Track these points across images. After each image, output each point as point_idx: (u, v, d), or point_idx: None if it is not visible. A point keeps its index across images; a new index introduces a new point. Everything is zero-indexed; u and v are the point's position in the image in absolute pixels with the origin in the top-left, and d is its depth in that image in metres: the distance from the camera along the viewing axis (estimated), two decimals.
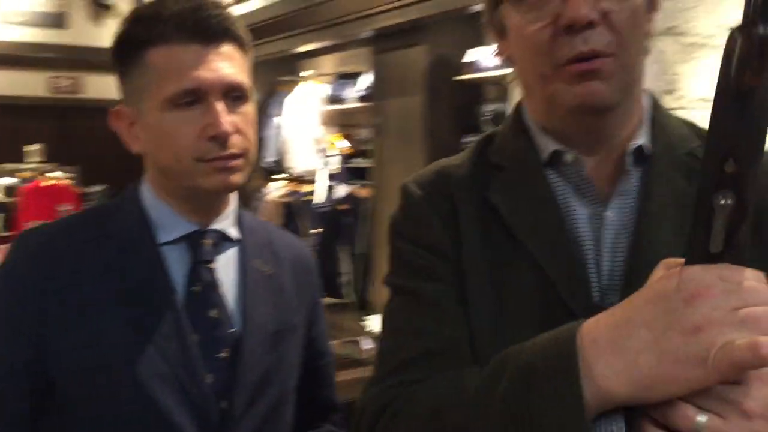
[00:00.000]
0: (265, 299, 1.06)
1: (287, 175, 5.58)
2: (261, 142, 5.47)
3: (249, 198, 5.51)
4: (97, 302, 0.96)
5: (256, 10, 6.34)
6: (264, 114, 5.46)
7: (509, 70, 4.07)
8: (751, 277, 0.54)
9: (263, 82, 5.51)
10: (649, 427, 0.56)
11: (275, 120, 5.60)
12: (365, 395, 0.81)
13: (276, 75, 5.77)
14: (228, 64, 0.96)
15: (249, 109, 1.00)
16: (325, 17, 5.04)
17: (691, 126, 0.85)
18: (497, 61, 4.64)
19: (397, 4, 4.54)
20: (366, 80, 5.32)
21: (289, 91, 5.64)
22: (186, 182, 0.98)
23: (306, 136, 5.48)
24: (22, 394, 0.95)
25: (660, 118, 0.82)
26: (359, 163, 5.69)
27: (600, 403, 0.58)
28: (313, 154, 5.46)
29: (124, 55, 0.98)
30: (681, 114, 0.90)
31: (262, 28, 5.97)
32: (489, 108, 4.41)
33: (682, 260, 0.57)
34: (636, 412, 0.58)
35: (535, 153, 0.82)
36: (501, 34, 0.83)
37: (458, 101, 4.60)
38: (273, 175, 5.66)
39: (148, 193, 1.04)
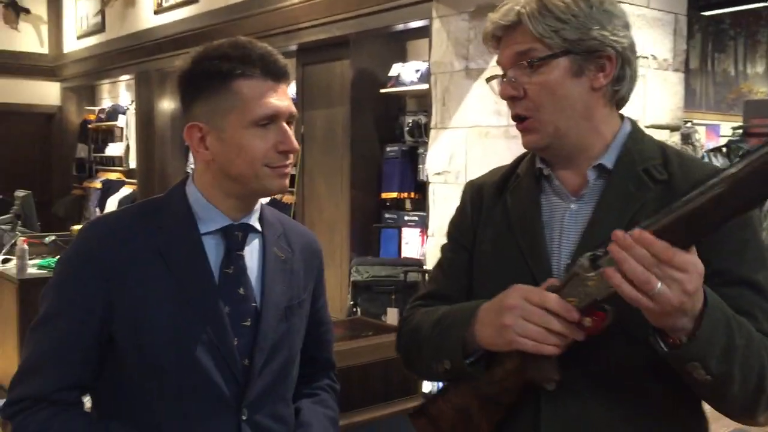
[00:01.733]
0: (280, 280, 1.31)
1: None
2: None
3: None
4: (151, 279, 1.20)
5: (179, 21, 6.40)
6: None
7: (427, 86, 4.43)
8: (547, 301, 1.01)
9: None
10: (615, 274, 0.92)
11: None
12: (407, 305, 1.34)
13: None
14: (287, 97, 1.23)
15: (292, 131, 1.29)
16: (251, 30, 5.20)
17: (664, 148, 1.15)
18: (418, 76, 4.94)
19: (321, 20, 4.77)
20: (290, 91, 5.54)
21: None
22: (253, 184, 1.22)
23: None
24: (94, 344, 1.20)
25: (630, 143, 1.14)
26: None
27: (472, 344, 1.10)
28: None
29: (211, 83, 1.21)
30: None
31: (187, 38, 6.05)
32: (409, 119, 4.71)
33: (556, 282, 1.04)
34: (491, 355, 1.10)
35: (534, 167, 1.21)
36: None
37: (381, 113, 4.90)
38: None
39: (194, 193, 1.27)
